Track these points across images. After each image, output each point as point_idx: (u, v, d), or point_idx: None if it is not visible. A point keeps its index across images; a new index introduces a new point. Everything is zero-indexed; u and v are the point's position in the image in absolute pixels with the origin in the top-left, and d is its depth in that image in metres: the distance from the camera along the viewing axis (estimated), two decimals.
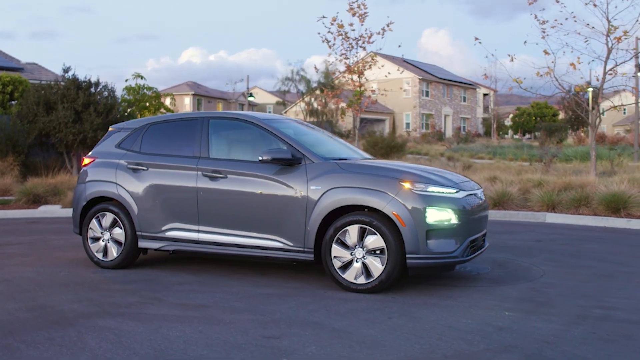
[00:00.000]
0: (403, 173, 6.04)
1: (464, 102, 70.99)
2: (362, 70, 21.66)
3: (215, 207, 6.57)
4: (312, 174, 6.18)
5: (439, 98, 66.68)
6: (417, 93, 62.50)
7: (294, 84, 50.02)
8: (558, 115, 66.24)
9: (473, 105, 72.93)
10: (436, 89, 66.13)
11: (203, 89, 72.01)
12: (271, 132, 6.58)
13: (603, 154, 27.06)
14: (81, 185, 7.40)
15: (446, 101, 67.74)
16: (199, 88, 70.19)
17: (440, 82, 66.49)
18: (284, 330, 4.71)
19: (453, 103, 68.78)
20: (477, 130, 69.48)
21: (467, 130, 65.72)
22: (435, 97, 65.92)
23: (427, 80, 64.12)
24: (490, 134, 66.54)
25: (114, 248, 7.08)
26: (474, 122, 72.19)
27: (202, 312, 5.20)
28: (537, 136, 69.10)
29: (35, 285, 6.23)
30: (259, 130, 6.73)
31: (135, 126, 7.38)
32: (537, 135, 69.74)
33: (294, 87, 50.23)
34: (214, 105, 69.26)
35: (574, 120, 47.45)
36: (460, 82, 70.36)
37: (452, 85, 68.68)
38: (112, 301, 5.55)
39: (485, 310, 5.39)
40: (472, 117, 72.30)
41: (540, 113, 67.08)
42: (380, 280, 5.85)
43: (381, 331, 4.72)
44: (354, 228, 5.94)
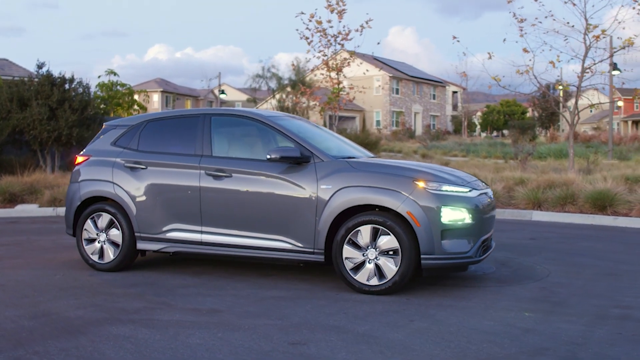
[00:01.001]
0: (417, 172, 5.91)
1: (434, 100, 71.47)
2: (341, 68, 21.51)
3: (219, 207, 6.35)
4: (322, 172, 6.01)
5: (409, 96, 66.98)
6: (388, 91, 62.68)
7: (264, 80, 49.68)
8: (527, 113, 67.15)
9: (442, 103, 73.47)
10: (406, 87, 66.41)
11: (172, 85, 71.08)
12: (277, 130, 6.39)
13: (578, 151, 27.44)
14: (75, 184, 7.10)
15: (416, 99, 68.09)
16: (168, 85, 69.26)
17: (410, 80, 66.78)
18: (307, 335, 4.54)
19: (423, 101, 69.17)
20: (447, 128, 70.00)
21: (437, 128, 66.16)
22: (405, 94, 66.21)
23: (397, 78, 64.35)
24: (460, 131, 67.14)
25: (110, 250, 6.80)
26: (443, 120, 72.74)
27: (216, 317, 4.99)
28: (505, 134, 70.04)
29: (32, 289, 5.93)
30: (264, 128, 6.54)
31: (131, 123, 7.11)
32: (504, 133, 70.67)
33: (265, 84, 49.90)
34: (182, 103, 68.45)
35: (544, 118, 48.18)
36: (430, 80, 70.79)
37: (422, 83, 69.07)
38: (118, 306, 5.30)
39: (503, 311, 5.30)
40: (442, 115, 72.84)
41: (510, 111, 67.95)
42: (394, 282, 5.72)
43: (407, 335, 4.58)
44: (366, 228, 5.79)
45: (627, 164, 21.80)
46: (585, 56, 18.90)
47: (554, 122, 51.26)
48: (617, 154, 25.01)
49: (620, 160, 23.23)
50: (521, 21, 19.90)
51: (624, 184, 13.08)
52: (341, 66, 21.53)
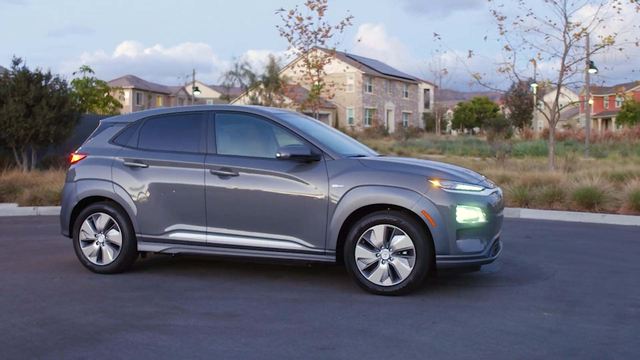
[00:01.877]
0: (431, 170, 5.82)
1: (406, 98, 71.78)
2: (322, 65, 21.39)
3: (225, 207, 6.16)
4: (333, 171, 5.87)
5: (382, 93, 67.16)
6: (361, 88, 62.73)
7: (238, 78, 49.31)
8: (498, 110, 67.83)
9: (415, 101, 73.84)
10: (379, 84, 66.56)
11: (143, 83, 70.06)
12: (286, 128, 6.23)
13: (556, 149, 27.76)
14: (71, 184, 6.83)
15: (389, 96, 68.31)
16: (139, 82, 68.25)
17: (383, 78, 66.95)
18: (333, 340, 4.40)
19: (395, 98, 69.42)
20: (419, 126, 70.39)
21: (410, 125, 66.47)
22: (378, 92, 66.36)
23: (370, 75, 64.44)
24: (432, 129, 67.56)
25: (109, 251, 6.56)
26: (415, 117, 73.13)
27: (234, 321, 4.82)
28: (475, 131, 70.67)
29: (32, 294, 5.68)
30: (271, 126, 6.38)
31: (130, 120, 6.87)
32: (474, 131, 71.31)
33: (239, 81, 49.53)
34: (154, 100, 67.59)
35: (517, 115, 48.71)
36: (403, 78, 71.08)
37: (394, 80, 69.30)
38: (128, 311, 5.09)
39: (522, 311, 5.24)
40: (414, 112, 73.22)
41: (482, 108, 68.57)
42: (409, 282, 5.61)
43: (434, 338, 4.49)
44: (379, 228, 5.67)
45: (604, 161, 22.11)
46: (565, 54, 19.10)
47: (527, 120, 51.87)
48: (593, 152, 25.37)
49: (596, 157, 23.56)
50: (501, 19, 20.05)
51: (610, 182, 13.21)
52: (322, 63, 21.43)
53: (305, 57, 21.33)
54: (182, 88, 59.74)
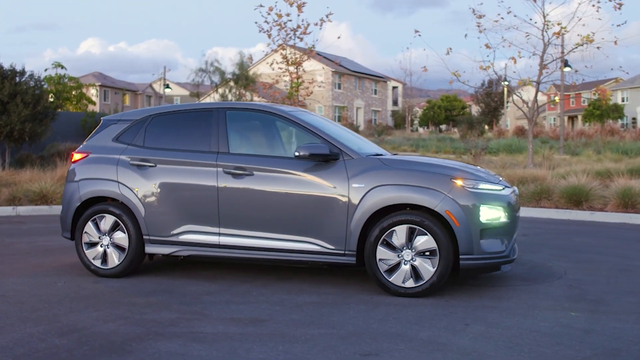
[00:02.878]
0: (453, 169, 5.72)
1: (375, 95, 71.97)
2: (301, 62, 21.22)
3: (239, 208, 5.96)
4: (353, 170, 5.72)
5: (351, 91, 67.21)
6: (330, 85, 62.65)
7: (207, 75, 48.75)
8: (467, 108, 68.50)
9: (384, 98, 74.10)
10: (348, 82, 66.58)
11: (110, 79, 68.73)
12: (301, 126, 6.05)
13: (525, 146, 28.08)
14: (72, 184, 6.54)
15: (358, 94, 68.40)
16: (106, 79, 66.92)
17: (352, 75, 66.99)
18: (373, 345, 4.27)
19: (365, 96, 69.55)
20: (387, 123, 70.66)
21: (379, 123, 66.65)
22: (347, 89, 66.38)
23: (339, 72, 64.40)
24: (401, 126, 67.88)
25: (115, 254, 6.30)
26: (384, 115, 73.40)
27: (263, 327, 4.64)
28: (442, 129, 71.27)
29: (39, 300, 5.40)
30: (285, 123, 6.20)
31: (135, 117, 6.60)
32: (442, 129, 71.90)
33: (208, 78, 48.97)
34: (120, 97, 66.44)
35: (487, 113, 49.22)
36: (372, 75, 71.24)
37: (363, 78, 69.41)
38: (148, 318, 4.86)
39: (549, 311, 5.19)
40: (383, 110, 73.48)
41: (450, 106, 69.12)
42: (432, 283, 5.51)
43: (473, 340, 4.39)
44: (402, 228, 5.55)
45: (578, 159, 22.45)
46: (543, 52, 19.29)
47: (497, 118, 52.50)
48: (567, 149, 25.72)
49: (571, 155, 23.89)
50: (480, 17, 20.15)
51: (595, 179, 13.35)
52: (301, 60, 21.26)
53: (284, 55, 21.13)
54: (149, 85, 58.84)
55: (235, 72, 46.35)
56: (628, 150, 24.68)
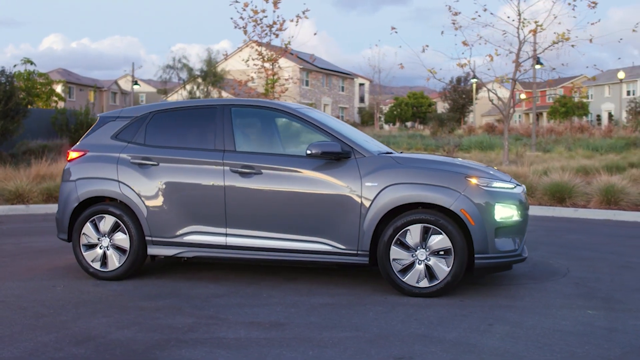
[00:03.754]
0: (467, 168, 5.66)
1: (343, 92, 72.02)
2: (277, 59, 21.04)
3: (247, 207, 5.80)
4: (365, 169, 5.61)
5: (319, 87, 67.10)
6: (298, 82, 62.44)
7: (175, 71, 48.10)
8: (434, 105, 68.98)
9: (351, 95, 74.20)
10: (316, 79, 66.44)
11: (74, 76, 67.16)
12: (310, 123, 5.92)
13: (496, 143, 28.38)
14: (69, 183, 6.28)
15: (325, 91, 68.33)
16: (70, 75, 65.35)
17: (320, 72, 66.85)
18: (404, 347, 4.17)
19: (332, 93, 69.51)
20: (355, 120, 70.76)
21: (346, 120, 66.71)
22: (315, 86, 66.26)
23: (307, 69, 64.21)
24: (368, 123, 68.01)
25: (115, 256, 6.07)
26: (351, 112, 73.49)
27: (286, 331, 4.51)
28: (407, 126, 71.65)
29: (42, 305, 5.15)
30: (293, 120, 6.05)
31: (134, 114, 6.37)
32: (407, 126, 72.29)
33: (176, 75, 48.34)
34: (85, 94, 64.98)
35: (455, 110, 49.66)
36: (339, 72, 71.22)
37: (331, 75, 69.36)
38: (163, 323, 4.67)
39: (565, 309, 5.18)
40: (350, 107, 73.57)
41: (417, 103, 69.51)
42: (447, 283, 5.44)
43: (501, 340, 4.34)
44: (416, 227, 5.47)
45: (550, 155, 22.74)
46: (519, 50, 19.48)
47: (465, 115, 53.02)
48: (538, 146, 26.07)
49: (543, 152, 24.21)
50: (455, 14, 20.26)
51: (576, 176, 13.52)
52: (277, 57, 21.08)
53: (260, 51, 20.94)
54: (114, 82, 57.71)
55: (203, 69, 45.85)
56: (598, 147, 25.13)
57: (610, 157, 21.29)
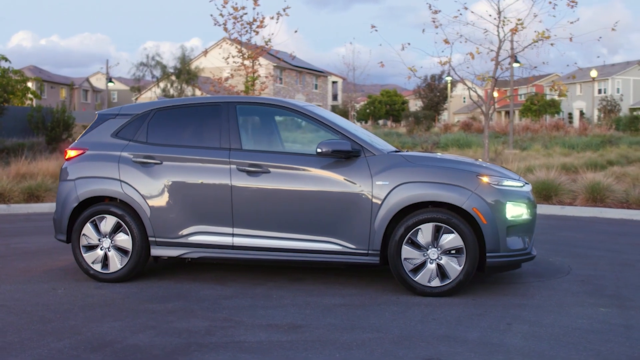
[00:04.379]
0: (477, 166, 5.64)
1: (316, 90, 72.01)
2: (257, 56, 20.86)
3: (255, 207, 5.69)
4: (376, 167, 5.55)
5: (293, 85, 66.95)
6: (272, 80, 62.17)
7: (149, 69, 47.51)
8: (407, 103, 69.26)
9: (324, 93, 74.23)
10: (290, 77, 66.29)
11: (45, 73, 65.79)
12: (318, 121, 5.83)
13: (473, 141, 28.59)
14: (68, 182, 6.09)
15: (299, 88, 68.21)
16: (41, 73, 63.94)
17: (293, 70, 66.71)
18: (430, 348, 4.13)
19: (306, 90, 69.42)
20: None
21: None
22: (289, 84, 66.09)
23: (281, 67, 63.99)
24: None
25: (116, 257, 5.91)
26: None
27: (307, 333, 4.42)
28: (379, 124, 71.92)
29: (47, 310, 4.97)
30: (300, 118, 5.95)
31: (135, 112, 6.20)
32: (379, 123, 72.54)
33: (150, 72, 47.74)
34: (57, 91, 63.86)
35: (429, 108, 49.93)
36: (313, 70, 71.16)
37: (305, 72, 69.27)
38: (179, 327, 4.54)
39: (577, 307, 5.20)
40: (324, 105, 73.48)
41: (390, 101, 69.75)
42: (459, 282, 5.41)
43: (524, 340, 4.33)
44: (427, 226, 5.43)
45: (528, 153, 22.97)
46: (499, 49, 19.61)
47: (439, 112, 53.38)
48: (515, 144, 26.32)
49: (520, 150, 24.46)
50: (435, 12, 20.31)
51: (560, 174, 13.65)
52: (258, 55, 20.91)
53: (240, 49, 20.76)
54: (86, 79, 56.71)
55: (177, 66, 45.39)
56: (574, 145, 25.48)
57: (587, 154, 21.58)
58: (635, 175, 14.16)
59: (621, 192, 12.07)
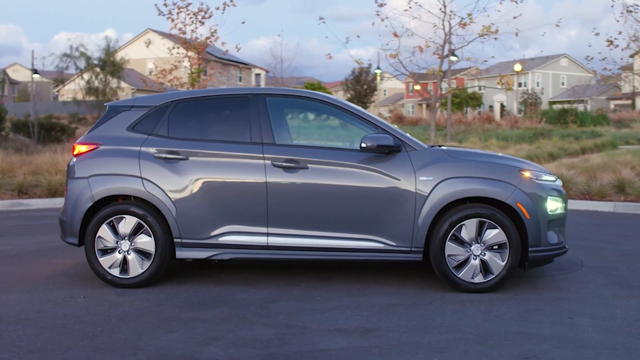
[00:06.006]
0: (519, 162, 5.61)
1: (240, 82, 71.15)
2: (204, 47, 20.29)
3: (292, 205, 5.41)
4: (418, 162, 5.40)
5: (217, 77, 65.71)
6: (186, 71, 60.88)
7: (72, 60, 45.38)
8: None
9: (248, 86, 73.48)
10: (214, 69, 64.95)
11: None
12: (354, 115, 5.63)
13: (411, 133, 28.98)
14: (80, 181, 5.57)
15: (224, 81, 67.12)
16: None
17: (218, 62, 65.46)
18: (515, 347, 4.05)
19: (230, 83, 68.44)
20: None
21: None
22: (214, 76, 64.85)
23: (205, 59, 62.70)
24: None
25: (137, 261, 5.46)
26: None
27: (385, 337, 4.23)
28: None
29: (81, 322, 4.50)
30: (334, 112, 5.70)
31: (153, 104, 5.75)
32: None
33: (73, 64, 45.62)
34: None
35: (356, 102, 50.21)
36: (237, 62, 70.12)
37: (229, 64, 68.19)
38: (245, 336, 4.22)
39: (619, 299, 5.30)
40: None
41: None
42: (502, 277, 5.37)
43: (597, 333, 4.34)
44: (471, 222, 5.34)
45: (466, 145, 23.49)
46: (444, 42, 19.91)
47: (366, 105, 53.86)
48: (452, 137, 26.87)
49: (458, 142, 24.99)
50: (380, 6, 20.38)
51: None
52: (204, 45, 20.33)
53: (184, 39, 20.16)
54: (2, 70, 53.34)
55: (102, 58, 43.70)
56: (508, 137, 26.29)
57: (525, 147, 22.28)
58: (585, 167, 14.67)
59: (583, 183, 12.48)
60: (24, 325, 4.44)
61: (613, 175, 12.22)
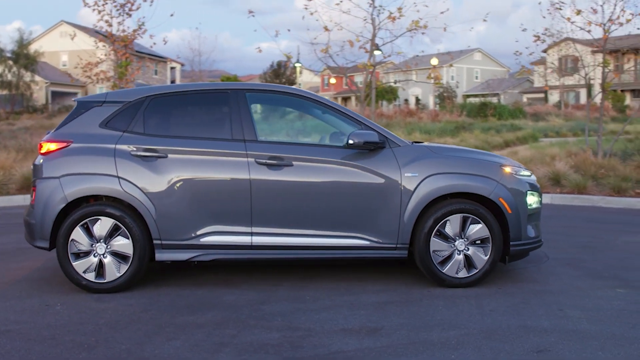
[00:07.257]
0: (499, 157, 5.73)
1: (156, 76, 69.47)
2: (131, 40, 19.58)
3: (277, 203, 5.28)
4: (403, 159, 5.40)
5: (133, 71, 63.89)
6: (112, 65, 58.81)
7: None
8: None
9: (164, 79, 71.84)
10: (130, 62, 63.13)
11: None
12: (338, 111, 5.56)
13: None
14: (51, 181, 5.20)
15: (139, 74, 65.28)
16: None
17: (134, 55, 63.48)
18: (524, 341, 4.13)
19: (146, 77, 66.48)
20: None
21: None
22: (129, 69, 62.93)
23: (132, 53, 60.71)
24: None
25: (114, 264, 5.18)
26: None
27: (394, 336, 4.20)
28: None
29: (70, 332, 4.19)
30: (317, 108, 5.62)
31: (127, 99, 5.45)
32: None
33: None
34: None
35: None
36: (152, 55, 68.28)
37: (144, 58, 66.28)
38: (254, 341, 4.07)
39: (597, 290, 5.45)
40: None
41: None
42: (485, 271, 5.48)
43: (592, 324, 4.49)
44: (456, 218, 5.41)
45: None
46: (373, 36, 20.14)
47: None
48: None
49: None
50: None
51: None
52: (131, 38, 19.62)
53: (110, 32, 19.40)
54: None
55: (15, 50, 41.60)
56: (430, 131, 26.90)
57: (448, 140, 22.86)
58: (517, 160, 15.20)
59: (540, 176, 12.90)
60: (9, 337, 4.10)
61: (548, 168, 12.71)
